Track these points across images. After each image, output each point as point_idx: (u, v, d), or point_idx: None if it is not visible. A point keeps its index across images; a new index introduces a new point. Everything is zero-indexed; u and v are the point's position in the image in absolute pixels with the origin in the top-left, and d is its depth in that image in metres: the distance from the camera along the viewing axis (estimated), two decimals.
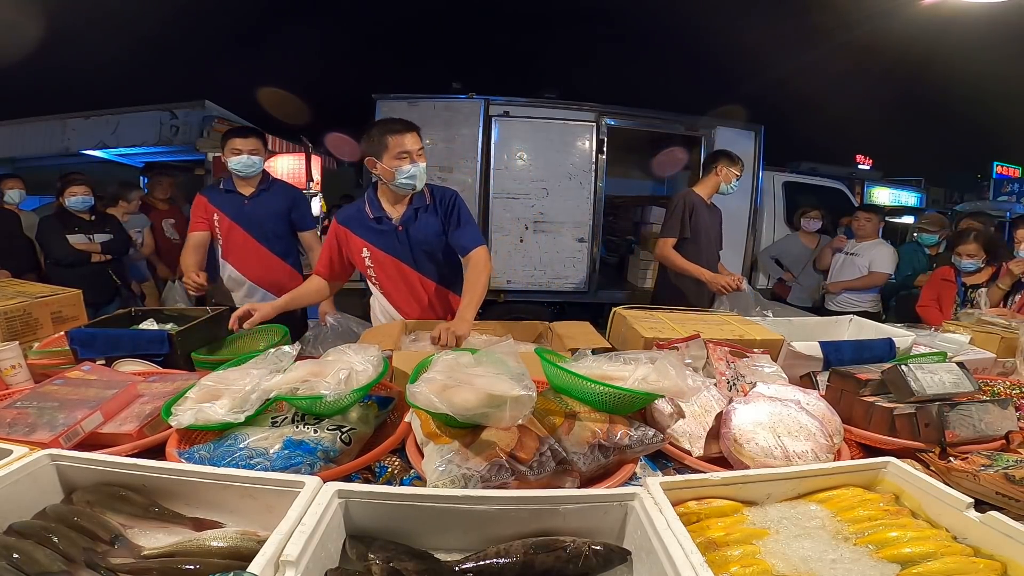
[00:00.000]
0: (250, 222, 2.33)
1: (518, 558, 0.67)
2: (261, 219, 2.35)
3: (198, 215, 2.34)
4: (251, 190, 2.35)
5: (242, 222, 2.32)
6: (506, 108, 4.05)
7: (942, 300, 3.05)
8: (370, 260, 1.90)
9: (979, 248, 2.91)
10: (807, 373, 1.46)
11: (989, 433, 1.08)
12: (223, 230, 2.33)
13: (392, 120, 1.82)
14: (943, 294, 3.06)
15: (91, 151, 6.72)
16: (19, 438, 0.92)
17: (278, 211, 2.40)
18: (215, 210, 2.32)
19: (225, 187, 2.35)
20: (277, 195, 2.42)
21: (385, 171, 1.77)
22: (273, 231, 2.39)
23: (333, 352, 1.10)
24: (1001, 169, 12.98)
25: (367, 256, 1.89)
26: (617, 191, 5.45)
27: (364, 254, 1.89)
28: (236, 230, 2.33)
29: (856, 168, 10.17)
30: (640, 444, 0.94)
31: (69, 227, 3.22)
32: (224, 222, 2.32)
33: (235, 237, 2.34)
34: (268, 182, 2.41)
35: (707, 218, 2.84)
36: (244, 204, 2.34)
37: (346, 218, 1.92)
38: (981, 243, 2.92)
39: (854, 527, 0.76)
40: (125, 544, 0.70)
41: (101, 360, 1.39)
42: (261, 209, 2.36)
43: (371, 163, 1.79)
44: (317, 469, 0.88)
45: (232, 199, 2.33)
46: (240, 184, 2.35)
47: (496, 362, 0.94)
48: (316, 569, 0.63)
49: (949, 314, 2.88)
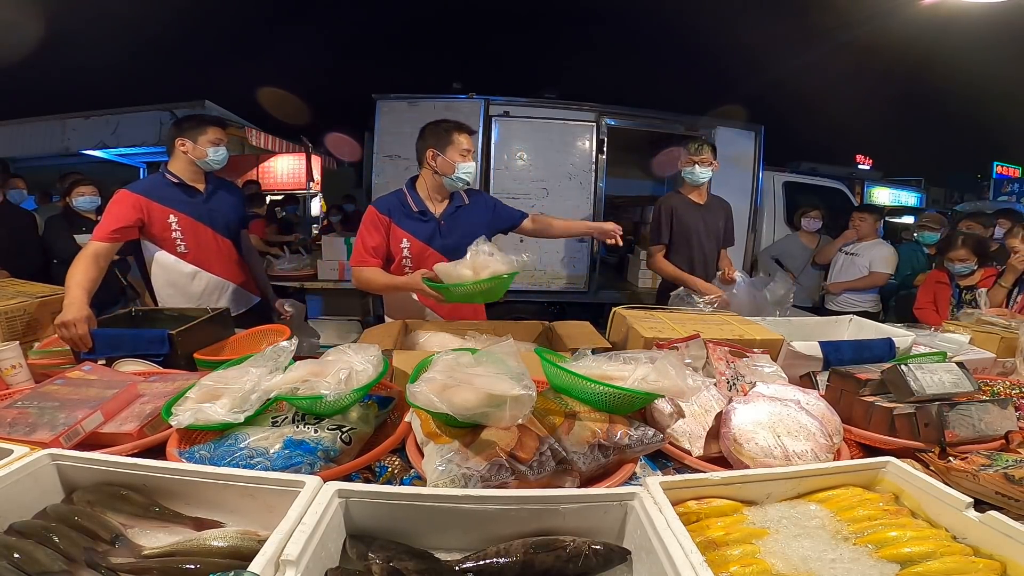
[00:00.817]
0: (215, 220, 2.11)
1: (518, 558, 0.67)
2: (227, 216, 2.16)
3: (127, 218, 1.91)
4: (203, 184, 2.11)
5: (206, 221, 2.09)
6: (506, 108, 4.05)
7: (938, 302, 3.11)
8: (408, 251, 1.93)
9: (969, 252, 2.98)
10: (807, 373, 1.46)
11: (989, 433, 1.08)
12: (186, 232, 2.04)
13: (458, 121, 1.96)
14: (939, 296, 3.11)
15: (91, 151, 6.72)
16: (20, 438, 0.92)
17: (235, 206, 2.23)
18: (170, 211, 2.00)
19: (176, 181, 2.05)
20: (229, 190, 2.26)
21: (446, 164, 1.89)
22: (235, 230, 2.21)
23: (333, 352, 1.10)
24: (1001, 169, 13.00)
25: (406, 247, 1.93)
26: (617, 191, 5.45)
27: (404, 244, 1.93)
28: (203, 231, 2.08)
29: (856, 168, 10.18)
30: (640, 444, 0.94)
31: (76, 227, 3.23)
32: (185, 223, 2.03)
33: (204, 239, 2.09)
34: (214, 176, 2.19)
35: (694, 217, 2.70)
36: (204, 201, 2.10)
37: (388, 208, 1.94)
38: (971, 247, 2.99)
39: (854, 527, 0.76)
40: (126, 544, 0.70)
41: (101, 360, 1.39)
42: (221, 205, 2.15)
43: (432, 154, 1.90)
44: (317, 469, 0.88)
45: (188, 195, 2.06)
46: (190, 179, 2.07)
47: (496, 362, 0.94)
48: (316, 569, 0.63)
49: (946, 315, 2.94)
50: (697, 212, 2.71)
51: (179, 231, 2.03)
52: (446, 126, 1.91)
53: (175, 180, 2.04)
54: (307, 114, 9.09)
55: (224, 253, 2.16)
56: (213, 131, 2.04)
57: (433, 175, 1.94)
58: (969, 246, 2.99)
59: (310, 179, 6.31)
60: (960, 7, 4.89)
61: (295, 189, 6.93)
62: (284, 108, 8.76)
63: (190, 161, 2.04)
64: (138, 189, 1.99)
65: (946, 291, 3.08)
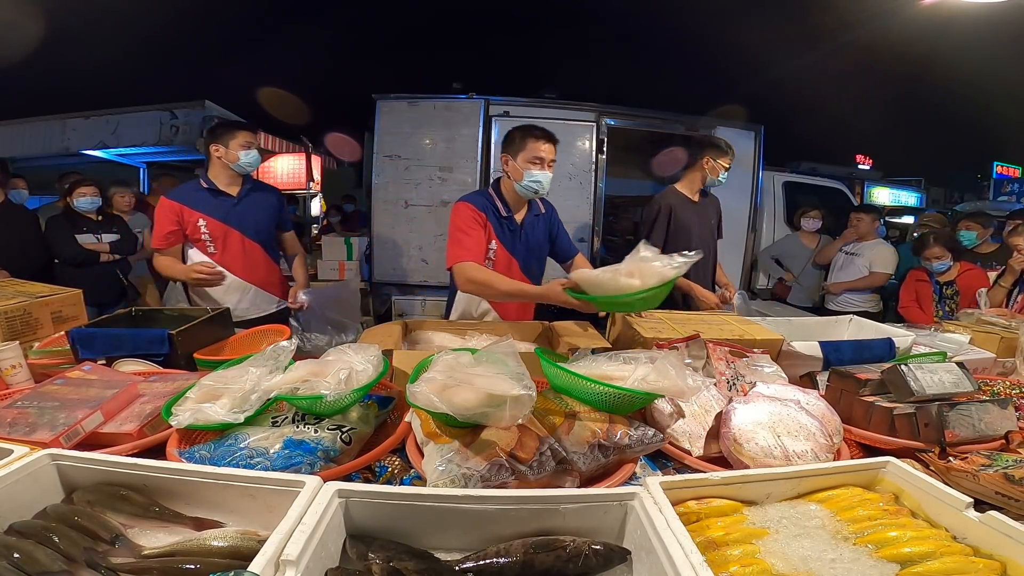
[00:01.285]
0: (244, 223, 2.21)
1: (518, 557, 0.67)
2: (257, 219, 2.25)
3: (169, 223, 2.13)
4: (237, 189, 2.21)
5: (234, 224, 2.19)
6: (506, 108, 4.05)
7: (921, 299, 3.22)
8: (494, 254, 1.96)
9: (943, 249, 3.10)
10: (807, 373, 1.46)
11: (989, 433, 1.08)
12: (215, 235, 2.17)
13: (536, 127, 1.92)
14: (920, 293, 3.23)
15: (91, 151, 6.71)
16: (20, 438, 0.92)
17: (271, 211, 2.32)
18: (199, 215, 2.14)
19: (208, 187, 2.18)
20: (266, 193, 2.35)
21: (515, 170, 1.90)
22: (267, 232, 2.31)
23: (333, 352, 1.10)
24: (1001, 169, 13.00)
25: (494, 249, 1.96)
26: (617, 191, 5.44)
27: (492, 247, 1.96)
28: (232, 234, 2.20)
29: (856, 168, 10.18)
30: (640, 444, 0.94)
31: (77, 227, 3.23)
32: (214, 227, 2.16)
33: (232, 241, 2.20)
34: (252, 180, 2.30)
35: (692, 215, 2.65)
36: (235, 205, 2.20)
37: (483, 207, 1.94)
38: (943, 244, 3.12)
39: (853, 527, 0.76)
40: (126, 544, 0.70)
41: (101, 360, 1.39)
42: (255, 209, 2.25)
43: (505, 160, 1.93)
44: (317, 469, 0.88)
45: (217, 200, 2.18)
46: (225, 184, 2.20)
47: (496, 362, 0.94)
48: (316, 569, 0.63)
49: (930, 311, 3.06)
50: (693, 209, 2.67)
51: (207, 234, 2.17)
52: (521, 132, 1.90)
53: (206, 186, 2.19)
54: (307, 114, 9.08)
55: (250, 256, 2.25)
56: (243, 135, 2.16)
57: (508, 181, 1.97)
58: (942, 243, 3.12)
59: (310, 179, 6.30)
60: (960, 7, 4.88)
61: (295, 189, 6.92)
62: (284, 108, 8.75)
63: (224, 165, 2.18)
64: (173, 196, 2.17)
65: (927, 288, 3.19)
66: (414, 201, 3.99)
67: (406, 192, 3.98)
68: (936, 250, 3.10)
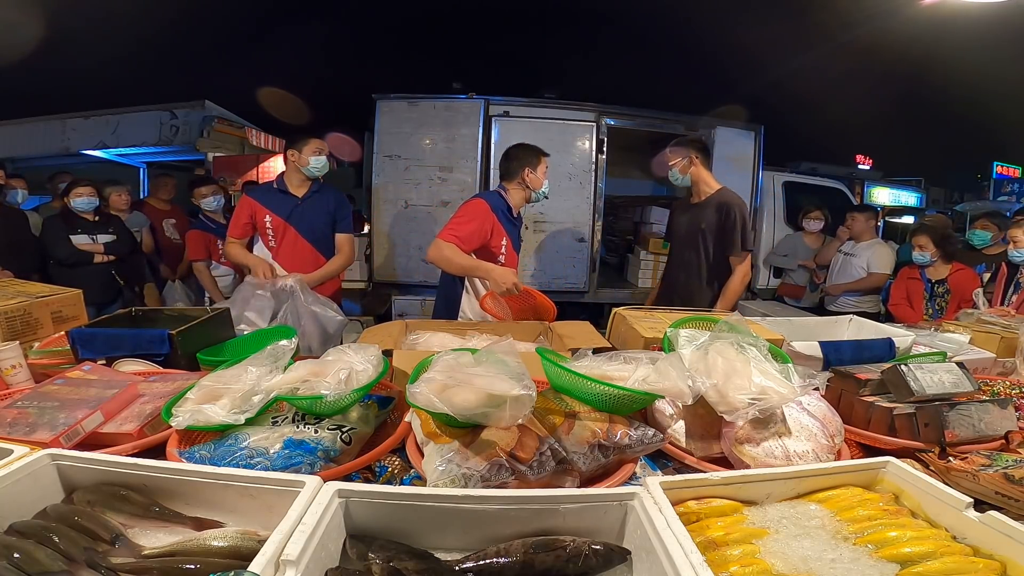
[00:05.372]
0: (301, 222, 2.42)
1: (518, 558, 0.67)
2: (312, 220, 2.44)
3: (245, 216, 2.41)
4: (304, 191, 2.44)
5: (294, 222, 2.41)
6: (506, 108, 4.05)
7: (911, 297, 3.21)
8: (505, 249, 2.18)
9: (928, 240, 3.09)
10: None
11: (989, 433, 1.08)
12: (276, 231, 2.41)
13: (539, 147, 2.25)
14: (911, 291, 3.21)
15: (91, 151, 6.72)
16: (20, 438, 0.92)
17: (326, 212, 2.49)
18: (266, 211, 2.39)
19: (279, 187, 2.44)
20: (326, 196, 2.50)
21: (535, 181, 2.21)
22: (322, 232, 2.47)
23: (333, 352, 1.10)
24: (1001, 169, 13.01)
25: (504, 245, 2.17)
26: (617, 191, 5.45)
27: (503, 241, 2.17)
28: (289, 231, 2.42)
29: (856, 168, 10.18)
30: (640, 444, 0.94)
31: (72, 228, 3.22)
32: (276, 223, 2.40)
33: (288, 238, 2.42)
34: (321, 184, 2.50)
35: (679, 218, 2.61)
36: (297, 205, 2.42)
37: (495, 207, 2.15)
38: (929, 236, 3.10)
39: (853, 527, 0.76)
40: (126, 544, 0.70)
41: (101, 360, 1.39)
42: (312, 210, 2.44)
43: (527, 172, 2.19)
44: (317, 469, 0.88)
45: (284, 200, 2.42)
46: (295, 185, 2.43)
47: (496, 362, 0.94)
48: (316, 569, 0.63)
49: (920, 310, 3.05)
50: (685, 213, 2.59)
51: (271, 229, 2.42)
52: (535, 149, 2.21)
53: (277, 187, 2.45)
54: (307, 114, 9.08)
55: (300, 253, 2.43)
56: (315, 142, 2.39)
57: (524, 190, 2.22)
58: (928, 234, 3.11)
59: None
60: (960, 7, 4.89)
61: None
62: (284, 108, 8.75)
63: (296, 169, 2.41)
64: (251, 193, 2.48)
65: (918, 286, 3.17)
66: (414, 201, 3.99)
67: (406, 192, 3.98)
68: (922, 239, 3.10)
